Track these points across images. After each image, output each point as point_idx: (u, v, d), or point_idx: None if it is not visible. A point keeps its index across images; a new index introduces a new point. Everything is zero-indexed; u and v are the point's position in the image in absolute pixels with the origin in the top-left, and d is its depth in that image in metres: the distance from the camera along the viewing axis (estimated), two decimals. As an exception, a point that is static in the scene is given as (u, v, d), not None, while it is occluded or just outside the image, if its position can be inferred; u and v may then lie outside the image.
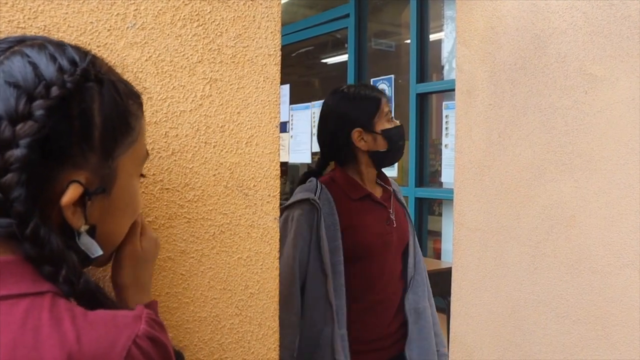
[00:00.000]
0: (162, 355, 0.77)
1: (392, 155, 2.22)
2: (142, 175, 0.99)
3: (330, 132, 2.21)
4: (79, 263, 0.79)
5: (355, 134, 2.16)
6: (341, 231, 2.08)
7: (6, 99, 0.73)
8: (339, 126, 2.16)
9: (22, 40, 0.80)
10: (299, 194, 2.12)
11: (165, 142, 1.24)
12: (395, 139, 2.18)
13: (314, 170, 2.31)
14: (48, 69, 0.76)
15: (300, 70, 7.45)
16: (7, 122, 0.72)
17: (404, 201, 2.40)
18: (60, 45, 0.81)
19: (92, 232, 0.84)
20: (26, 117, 0.72)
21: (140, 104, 0.92)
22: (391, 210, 2.26)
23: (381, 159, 2.22)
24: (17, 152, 0.71)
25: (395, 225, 2.24)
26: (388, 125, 2.19)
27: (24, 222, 0.72)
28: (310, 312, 2.02)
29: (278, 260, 1.43)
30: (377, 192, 2.28)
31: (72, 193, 0.77)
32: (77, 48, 0.83)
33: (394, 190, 2.37)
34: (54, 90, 0.74)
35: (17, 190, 0.71)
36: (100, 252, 0.85)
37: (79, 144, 0.78)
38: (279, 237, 1.43)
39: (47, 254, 0.74)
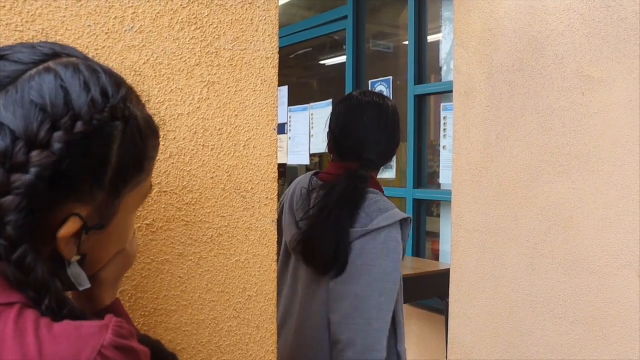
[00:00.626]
0: None
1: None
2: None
3: (391, 137, 2.02)
4: (64, 291, 0.76)
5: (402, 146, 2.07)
6: None
7: (29, 120, 0.70)
8: (395, 133, 2.05)
9: (56, 55, 0.77)
10: (396, 210, 1.93)
11: (163, 145, 1.24)
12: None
13: (361, 183, 1.98)
14: (79, 100, 0.73)
15: (298, 72, 7.45)
16: (23, 144, 0.69)
17: None
18: (95, 71, 0.77)
19: (82, 262, 0.82)
20: (44, 145, 0.70)
21: (158, 144, 0.89)
22: None
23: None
24: (24, 178, 0.69)
25: None
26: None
27: (13, 247, 0.69)
28: (393, 329, 1.93)
29: (276, 262, 1.43)
30: None
31: (70, 227, 0.75)
32: (111, 75, 0.80)
33: None
34: (79, 126, 0.72)
35: (14, 215, 0.69)
36: (88, 285, 0.83)
37: (89, 182, 0.76)
38: (276, 239, 1.43)
39: (31, 281, 0.71)
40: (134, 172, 0.82)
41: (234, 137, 1.34)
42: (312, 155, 5.45)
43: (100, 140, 0.75)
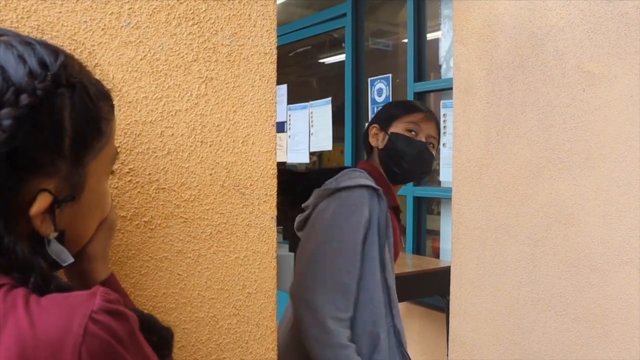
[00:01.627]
0: (126, 327, 0.73)
1: (391, 162, 2.13)
2: (112, 172, 0.97)
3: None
4: (48, 268, 0.76)
5: (373, 129, 2.15)
6: None
7: None
8: (373, 120, 2.16)
9: None
10: (360, 179, 1.98)
11: (161, 141, 1.23)
12: (400, 146, 2.10)
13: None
14: (17, 73, 0.72)
15: (297, 70, 7.45)
16: None
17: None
18: (29, 44, 0.77)
19: (61, 238, 0.82)
20: None
21: (112, 106, 0.88)
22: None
23: (389, 166, 2.14)
24: None
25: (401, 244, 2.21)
26: (402, 132, 2.13)
27: None
28: (364, 315, 1.93)
29: (275, 259, 1.42)
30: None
31: (40, 203, 0.75)
32: (47, 46, 0.79)
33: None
34: (24, 99, 0.71)
35: None
36: (71, 260, 0.83)
37: (49, 153, 0.75)
38: (275, 236, 1.42)
39: (13, 263, 0.71)
40: (93, 136, 0.82)
41: (232, 133, 1.33)
42: (311, 154, 5.45)
43: (49, 110, 0.74)
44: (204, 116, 1.29)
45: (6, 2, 1.05)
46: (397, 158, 2.11)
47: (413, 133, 2.12)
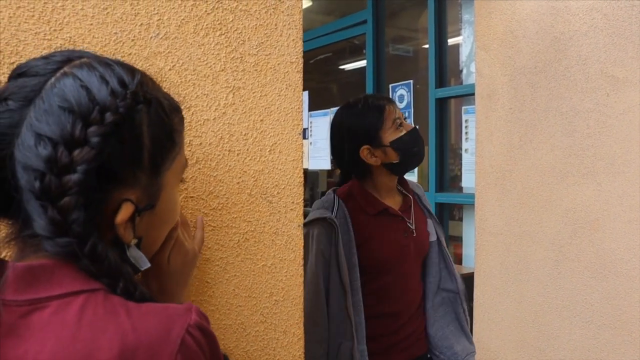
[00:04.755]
0: (211, 347, 0.80)
1: (408, 162, 2.15)
2: (182, 181, 1.01)
3: (342, 150, 2.17)
4: (132, 274, 0.82)
5: (365, 151, 2.09)
6: (357, 247, 2.05)
7: (62, 124, 0.74)
8: (348, 143, 2.10)
9: (69, 60, 0.81)
10: (316, 212, 2.09)
11: (190, 150, 1.24)
12: (406, 147, 2.08)
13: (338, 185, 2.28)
14: (100, 93, 0.77)
15: (318, 77, 7.46)
16: (63, 148, 0.74)
17: (428, 205, 2.33)
18: (108, 65, 0.82)
19: (139, 245, 0.88)
20: (82, 143, 0.75)
21: (182, 118, 0.94)
22: (410, 220, 2.21)
23: (398, 168, 2.16)
24: (74, 177, 0.74)
25: (414, 235, 2.19)
26: (397, 134, 2.09)
27: (83, 242, 0.75)
28: (331, 327, 2.01)
29: (302, 267, 1.43)
30: (397, 202, 2.21)
31: (124, 212, 0.80)
32: (123, 65, 0.85)
33: (417, 195, 2.32)
34: (108, 117, 0.77)
35: (75, 213, 0.74)
36: (148, 265, 0.89)
37: (130, 166, 0.81)
38: (302, 244, 1.43)
39: (105, 269, 0.77)
40: (168, 147, 0.88)
41: (259, 142, 1.34)
42: (332, 160, 5.45)
43: (130, 125, 0.80)
44: (231, 125, 1.30)
45: (40, 16, 1.07)
46: (409, 157, 2.11)
47: (401, 127, 2.11)
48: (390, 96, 4.82)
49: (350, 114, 2.13)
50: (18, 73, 0.80)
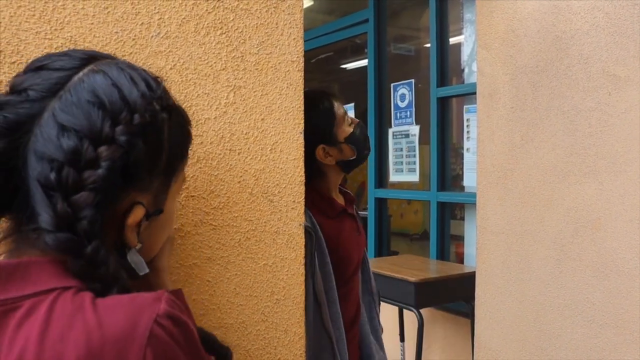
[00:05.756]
0: (186, 336, 0.75)
1: (362, 156, 2.05)
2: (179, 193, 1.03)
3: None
4: (128, 282, 0.80)
5: (320, 151, 1.96)
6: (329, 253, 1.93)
7: (91, 119, 0.75)
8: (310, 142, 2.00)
9: (93, 57, 0.82)
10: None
11: (191, 149, 1.24)
12: (360, 140, 2.02)
13: None
14: (132, 94, 0.78)
15: (320, 76, 7.46)
16: (89, 143, 0.74)
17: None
18: (134, 68, 0.83)
19: (139, 250, 0.87)
20: (109, 140, 0.75)
21: (191, 130, 0.95)
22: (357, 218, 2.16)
23: (352, 165, 2.05)
24: (98, 173, 0.73)
25: (360, 234, 2.13)
26: (349, 130, 2.02)
27: (87, 241, 0.74)
28: (307, 345, 1.90)
29: (304, 266, 1.43)
30: (341, 200, 2.13)
31: (136, 214, 0.80)
32: (147, 72, 0.86)
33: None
34: (137, 118, 0.77)
35: (88, 210, 0.73)
36: (147, 270, 0.88)
37: (148, 169, 0.82)
38: (304, 243, 1.43)
39: (102, 274, 0.75)
40: (182, 156, 0.90)
41: (260, 141, 1.34)
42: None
43: (154, 130, 0.81)
44: (232, 124, 1.30)
45: (41, 15, 1.07)
46: (362, 150, 2.04)
47: (352, 125, 2.05)
48: (392, 95, 4.82)
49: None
50: (38, 66, 0.79)
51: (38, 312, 0.70)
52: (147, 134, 0.79)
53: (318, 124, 1.93)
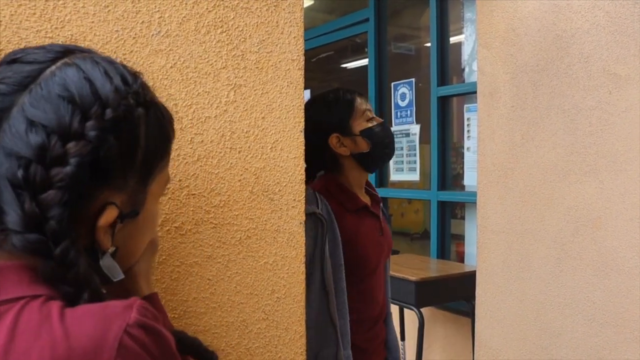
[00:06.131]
0: (159, 345, 0.71)
1: (379, 154, 2.10)
2: (162, 195, 0.99)
3: (310, 142, 2.05)
4: (100, 286, 0.76)
5: (333, 139, 2.04)
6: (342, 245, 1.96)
7: (59, 114, 0.71)
8: (316, 134, 1.99)
9: (69, 51, 0.79)
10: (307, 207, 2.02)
11: (191, 148, 1.25)
12: (377, 137, 2.07)
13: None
14: (104, 88, 0.75)
15: (320, 76, 7.45)
16: (57, 138, 0.70)
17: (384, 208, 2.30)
18: (112, 62, 0.80)
19: (114, 254, 0.83)
20: (79, 136, 0.71)
21: (174, 130, 0.91)
22: (381, 218, 2.19)
23: (368, 160, 2.10)
24: (65, 170, 0.70)
25: (383, 235, 2.16)
26: (367, 125, 2.08)
27: (56, 242, 0.70)
28: (309, 334, 1.91)
29: (304, 264, 1.43)
30: (367, 200, 2.18)
31: (108, 215, 0.76)
32: (125, 66, 0.83)
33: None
34: (109, 112, 0.74)
35: (57, 209, 0.70)
36: (122, 276, 0.84)
37: (122, 167, 0.77)
38: (304, 241, 1.43)
39: (72, 276, 0.71)
40: (161, 154, 0.85)
41: (261, 140, 1.34)
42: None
43: (129, 126, 0.77)
44: (233, 123, 1.30)
45: (41, 14, 1.07)
46: (381, 148, 2.07)
47: (371, 120, 2.09)
48: (392, 94, 4.82)
49: (318, 106, 2.07)
50: (12, 59, 0.76)
51: (3, 322, 0.66)
52: (120, 130, 0.75)
53: (336, 113, 2.05)
